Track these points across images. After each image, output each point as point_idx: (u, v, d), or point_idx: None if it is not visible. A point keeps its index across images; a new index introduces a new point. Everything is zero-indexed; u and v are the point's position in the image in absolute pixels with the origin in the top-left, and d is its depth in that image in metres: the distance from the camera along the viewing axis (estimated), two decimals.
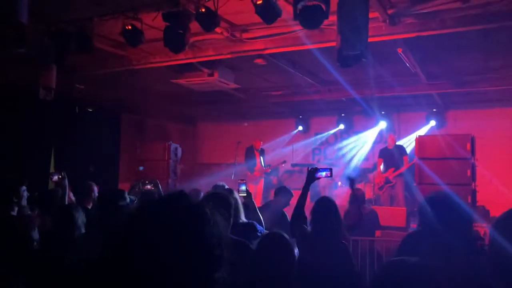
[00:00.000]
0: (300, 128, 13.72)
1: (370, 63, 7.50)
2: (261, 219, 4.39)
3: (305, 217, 4.08)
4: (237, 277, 2.65)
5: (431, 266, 1.79)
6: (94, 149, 10.80)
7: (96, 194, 5.51)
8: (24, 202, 4.18)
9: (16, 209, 4.00)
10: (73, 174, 6.02)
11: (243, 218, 3.68)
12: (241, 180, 4.74)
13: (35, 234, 3.48)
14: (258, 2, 5.28)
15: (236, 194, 4.09)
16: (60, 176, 5.04)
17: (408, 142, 11.82)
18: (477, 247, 2.68)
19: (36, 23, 4.97)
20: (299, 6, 4.92)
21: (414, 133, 11.13)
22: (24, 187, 4.12)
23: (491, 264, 1.93)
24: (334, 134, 13.48)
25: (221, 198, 3.41)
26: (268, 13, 5.35)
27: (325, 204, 4.01)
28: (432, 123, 12.07)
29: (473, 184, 7.80)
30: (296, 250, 3.32)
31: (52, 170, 10.13)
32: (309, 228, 3.93)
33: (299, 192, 4.28)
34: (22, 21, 4.06)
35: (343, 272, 3.49)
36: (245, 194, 4.55)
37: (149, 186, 5.85)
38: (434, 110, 11.99)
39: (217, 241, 1.21)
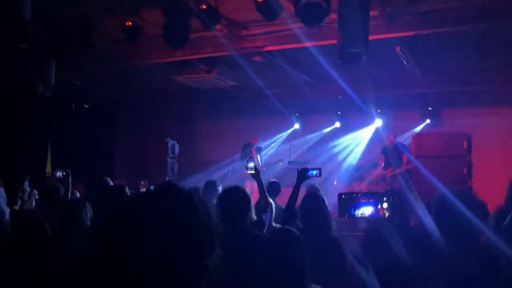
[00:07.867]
0: (297, 126, 13.74)
1: (367, 61, 7.54)
2: (270, 201, 4.35)
3: (297, 215, 4.15)
4: (247, 265, 2.70)
5: None
6: (89, 145, 10.79)
7: None
8: (25, 197, 4.18)
9: (19, 203, 4.00)
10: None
11: (253, 216, 3.70)
12: (249, 157, 4.60)
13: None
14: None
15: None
16: (64, 173, 5.05)
17: (404, 140, 11.86)
18: None
19: (36, 19, 4.96)
20: (301, 3, 4.96)
21: (410, 131, 11.16)
22: (27, 182, 4.12)
23: None
24: (330, 131, 13.51)
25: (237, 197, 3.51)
26: (269, 10, 5.40)
27: (312, 200, 4.10)
28: (428, 121, 12.14)
29: (469, 182, 7.86)
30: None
31: (48, 165, 10.12)
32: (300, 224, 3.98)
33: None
34: (25, 17, 4.07)
35: (335, 267, 3.52)
36: (253, 172, 4.41)
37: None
38: (430, 108, 12.05)
39: (206, 228, 1.24)
